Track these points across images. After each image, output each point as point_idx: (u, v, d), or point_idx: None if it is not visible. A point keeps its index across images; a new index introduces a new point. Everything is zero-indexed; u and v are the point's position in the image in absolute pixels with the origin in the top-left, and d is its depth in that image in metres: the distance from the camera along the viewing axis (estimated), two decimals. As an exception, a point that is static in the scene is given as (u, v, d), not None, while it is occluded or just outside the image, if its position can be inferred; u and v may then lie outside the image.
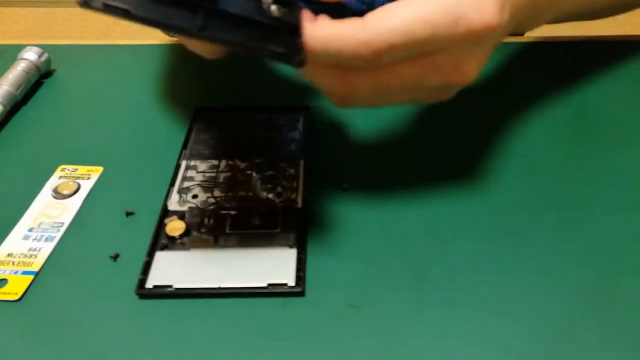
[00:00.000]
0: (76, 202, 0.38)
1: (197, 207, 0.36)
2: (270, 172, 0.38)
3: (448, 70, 0.29)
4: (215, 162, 0.39)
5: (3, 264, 0.34)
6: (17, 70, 0.47)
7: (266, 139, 0.41)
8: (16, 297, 0.32)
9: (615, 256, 0.33)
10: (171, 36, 0.44)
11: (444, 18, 0.27)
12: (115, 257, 0.34)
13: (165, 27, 0.24)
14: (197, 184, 0.38)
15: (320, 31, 0.27)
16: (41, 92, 0.48)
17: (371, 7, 0.30)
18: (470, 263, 0.33)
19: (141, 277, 0.32)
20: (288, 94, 0.46)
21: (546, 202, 0.36)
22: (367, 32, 0.26)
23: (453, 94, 0.32)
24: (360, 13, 0.27)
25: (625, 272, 0.32)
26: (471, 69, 0.29)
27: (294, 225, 0.34)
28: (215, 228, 0.35)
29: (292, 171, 0.38)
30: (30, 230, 0.36)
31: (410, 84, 0.29)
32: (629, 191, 0.37)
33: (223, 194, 0.37)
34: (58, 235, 0.35)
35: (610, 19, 0.50)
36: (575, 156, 0.39)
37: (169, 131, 0.43)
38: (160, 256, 0.33)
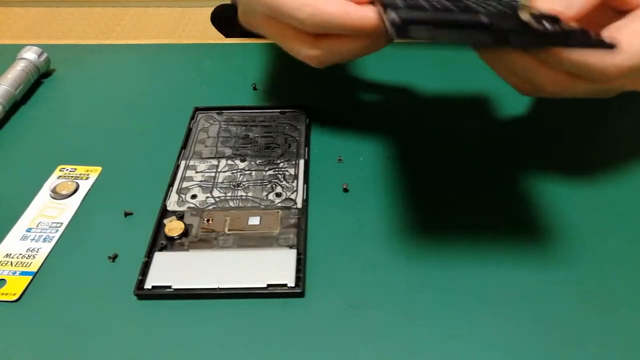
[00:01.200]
0: (75, 202, 0.38)
1: (196, 207, 0.36)
2: (270, 172, 0.38)
3: None
4: (214, 162, 0.39)
5: (1, 265, 0.33)
6: (17, 70, 0.47)
7: (266, 139, 0.41)
8: (14, 298, 0.32)
9: (616, 256, 0.33)
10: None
11: None
12: (113, 258, 0.34)
13: (464, 43, 0.28)
14: (196, 184, 0.38)
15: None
16: (40, 91, 0.48)
17: None
18: (471, 263, 0.32)
19: (140, 277, 0.32)
20: (288, 94, 0.46)
21: (546, 201, 0.36)
22: (623, 55, 0.28)
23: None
24: None
25: (627, 272, 0.32)
26: None
27: (294, 226, 0.34)
28: (214, 228, 0.34)
29: (291, 171, 0.38)
30: (29, 230, 0.36)
31: (613, 92, 0.32)
32: (629, 191, 0.36)
33: (222, 194, 0.37)
34: (56, 236, 0.35)
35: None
36: (573, 156, 0.39)
37: (168, 131, 0.43)
38: (159, 257, 0.33)
